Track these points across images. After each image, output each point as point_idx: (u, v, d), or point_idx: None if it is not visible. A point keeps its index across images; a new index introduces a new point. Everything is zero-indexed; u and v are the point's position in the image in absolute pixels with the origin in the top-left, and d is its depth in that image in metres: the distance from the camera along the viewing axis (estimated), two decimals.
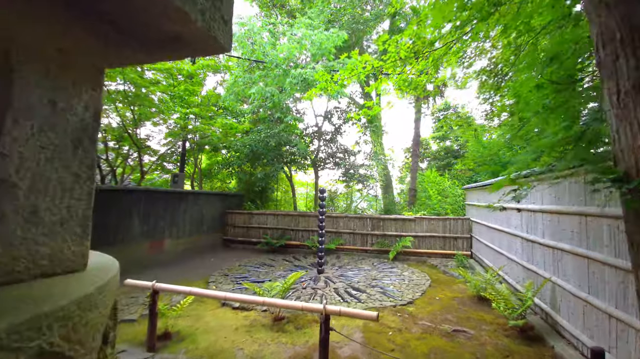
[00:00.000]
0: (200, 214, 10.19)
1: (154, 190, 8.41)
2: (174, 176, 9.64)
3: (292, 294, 5.90)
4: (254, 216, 11.19)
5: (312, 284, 6.58)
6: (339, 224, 10.31)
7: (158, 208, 8.45)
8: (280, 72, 8.03)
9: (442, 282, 6.92)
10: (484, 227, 7.72)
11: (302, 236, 10.61)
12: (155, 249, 8.36)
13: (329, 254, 9.93)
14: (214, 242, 10.82)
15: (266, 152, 10.40)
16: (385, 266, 8.41)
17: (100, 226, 6.92)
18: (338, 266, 8.37)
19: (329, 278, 7.10)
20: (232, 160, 11.87)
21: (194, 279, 6.97)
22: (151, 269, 7.69)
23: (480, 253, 8.07)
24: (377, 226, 9.91)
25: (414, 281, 6.81)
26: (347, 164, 12.42)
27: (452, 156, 15.49)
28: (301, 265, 8.46)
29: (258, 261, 8.98)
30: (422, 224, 9.49)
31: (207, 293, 4.12)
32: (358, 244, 10.06)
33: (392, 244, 9.52)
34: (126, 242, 7.55)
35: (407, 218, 9.60)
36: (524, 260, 5.02)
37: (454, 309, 5.16)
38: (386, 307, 5.21)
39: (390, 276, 7.35)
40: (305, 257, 9.59)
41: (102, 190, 6.99)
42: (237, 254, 9.89)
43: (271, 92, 7.91)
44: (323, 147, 12.90)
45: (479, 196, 8.25)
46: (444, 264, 8.51)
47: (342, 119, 13.07)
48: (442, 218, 9.37)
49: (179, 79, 8.24)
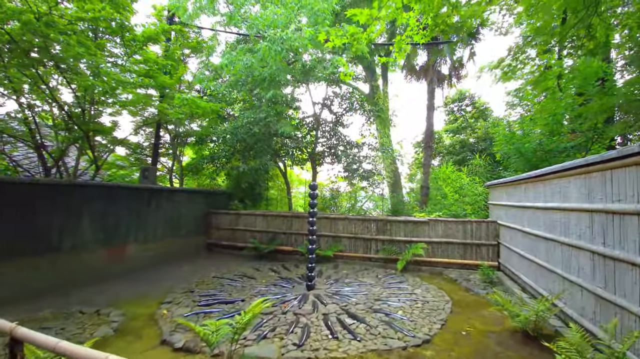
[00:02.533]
0: (177, 215, 8.77)
1: (114, 186, 7.00)
2: (143, 169, 8.21)
3: (266, 323, 4.39)
4: (241, 216, 9.73)
5: (296, 306, 5.06)
6: (337, 227, 8.77)
7: (120, 207, 7.04)
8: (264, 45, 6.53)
9: (467, 304, 5.32)
10: (517, 233, 6.08)
11: (296, 241, 9.11)
12: (114, 256, 6.96)
13: (325, 262, 8.40)
14: (194, 246, 9.39)
15: (253, 142, 8.93)
16: (392, 280, 6.84)
17: (39, 228, 5.54)
18: (334, 279, 6.84)
19: (320, 297, 5.57)
20: (218, 153, 10.43)
21: (152, 295, 5.53)
22: (107, 281, 6.30)
23: (512, 265, 6.43)
24: (383, 229, 8.33)
25: (430, 303, 5.23)
26: (349, 158, 10.84)
27: (468, 150, 13.78)
28: (289, 277, 6.95)
29: (240, 270, 7.50)
30: (437, 228, 7.89)
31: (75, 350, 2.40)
32: (360, 251, 8.51)
33: (401, 252, 7.95)
34: (76, 248, 6.16)
35: (419, 220, 8.00)
36: (598, 286, 3.41)
37: (492, 355, 3.58)
38: (392, 350, 3.65)
39: (399, 294, 5.77)
40: (296, 267, 8.08)
41: (40, 184, 5.60)
42: (219, 261, 8.44)
43: (248, 62, 6.40)
44: (322, 138, 11.37)
45: (510, 193, 6.61)
46: (465, 278, 6.90)
47: (343, 107, 11.51)
48: (461, 221, 7.75)
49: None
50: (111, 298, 5.34)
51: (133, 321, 4.42)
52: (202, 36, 9.41)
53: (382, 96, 13.35)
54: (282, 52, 5.97)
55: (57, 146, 6.63)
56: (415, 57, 11.48)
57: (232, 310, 4.86)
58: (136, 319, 4.49)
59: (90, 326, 4.15)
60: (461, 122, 16.57)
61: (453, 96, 17.10)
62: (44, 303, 4.88)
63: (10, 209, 5.18)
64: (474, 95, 16.78)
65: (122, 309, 4.78)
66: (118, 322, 4.27)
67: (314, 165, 11.08)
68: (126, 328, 4.20)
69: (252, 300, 5.31)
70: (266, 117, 8.34)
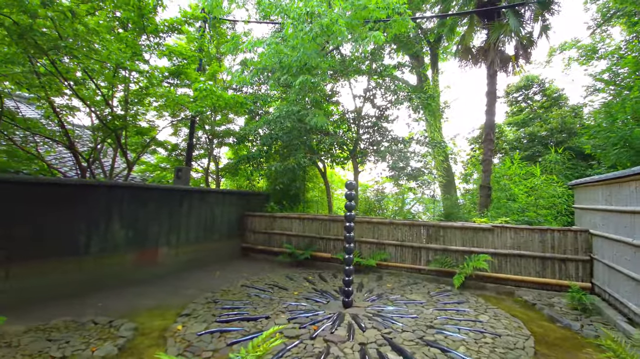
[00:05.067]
0: (211, 217, 8.43)
1: (143, 186, 6.79)
2: (177, 169, 7.99)
3: (289, 351, 3.58)
4: (277, 219, 9.13)
5: (327, 330, 4.17)
6: (381, 233, 7.71)
7: (149, 209, 6.81)
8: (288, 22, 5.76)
9: (556, 343, 3.98)
10: (625, 248, 4.53)
11: (335, 247, 8.24)
12: (145, 260, 6.73)
13: (367, 272, 7.41)
14: (228, 251, 9.00)
15: (288, 139, 8.26)
16: (448, 299, 5.63)
17: (66, 230, 5.41)
18: (376, 294, 5.83)
19: (358, 318, 4.62)
20: (254, 152, 9.98)
21: (174, 304, 5.07)
22: (133, 286, 6.03)
23: (616, 289, 4.84)
24: (436, 236, 7.10)
25: (503, 338, 3.99)
26: (395, 155, 9.68)
27: (539, 144, 11.67)
28: (324, 290, 6.09)
29: (271, 279, 6.84)
30: (504, 237, 6.46)
31: None
32: (408, 260, 7.35)
33: (458, 264, 6.66)
34: (105, 251, 5.98)
35: (480, 227, 6.64)
36: None
37: None
38: None
39: (458, 321, 4.59)
40: (334, 277, 7.20)
41: (63, 185, 5.47)
42: (252, 268, 7.90)
43: (277, 49, 5.69)
44: (364, 134, 10.36)
45: (611, 194, 5.03)
46: (546, 302, 5.43)
47: (387, 100, 10.40)
48: (537, 228, 6.24)
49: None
50: (131, 307, 4.97)
51: (142, 337, 3.91)
52: (236, 31, 9.07)
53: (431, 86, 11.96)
54: (311, 32, 5.16)
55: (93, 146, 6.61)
56: (472, 38, 9.93)
57: (253, 330, 4.15)
58: (146, 335, 3.98)
59: (96, 340, 3.71)
60: (527, 113, 14.32)
61: (517, 84, 14.88)
62: (61, 309, 4.63)
63: (35, 209, 5.07)
64: (543, 81, 14.42)
65: (137, 321, 4.33)
66: (126, 338, 3.78)
67: (356, 164, 10.12)
68: (132, 346, 3.69)
69: (278, 318, 4.56)
70: (299, 110, 7.61)
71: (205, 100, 6.00)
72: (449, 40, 12.18)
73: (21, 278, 4.81)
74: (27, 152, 6.03)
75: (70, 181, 5.69)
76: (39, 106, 6.44)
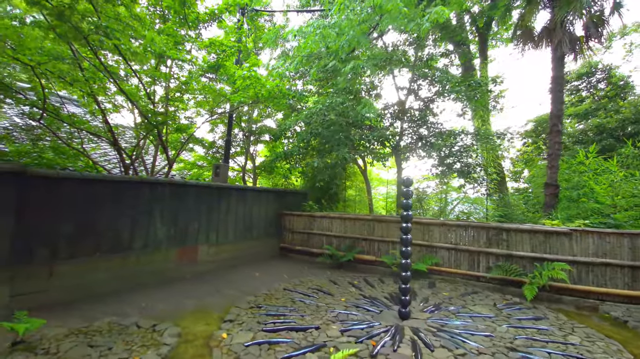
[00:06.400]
0: (249, 215, 8.17)
1: (183, 183, 6.61)
2: (215, 166, 7.80)
3: None
4: (316, 219, 8.70)
5: (388, 347, 3.63)
6: (432, 235, 7.02)
7: (189, 206, 6.64)
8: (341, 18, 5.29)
9: None
10: None
11: (379, 249, 7.66)
12: (185, 257, 6.56)
13: (418, 278, 6.75)
14: (266, 250, 8.71)
15: (329, 134, 7.77)
16: (520, 314, 4.86)
17: (108, 228, 5.31)
18: (433, 305, 5.18)
19: (420, 333, 4.03)
20: (292, 149, 9.62)
21: (216, 307, 4.78)
22: (175, 285, 5.85)
23: None
24: (498, 240, 6.30)
25: None
26: (442, 150, 8.89)
27: (610, 137, 10.27)
28: (374, 297, 5.54)
29: (314, 282, 6.40)
30: (585, 243, 5.55)
31: None
32: (463, 266, 6.61)
33: (526, 272, 5.83)
34: (147, 248, 5.86)
35: (555, 230, 5.76)
36: None
37: None
38: None
39: (545, 343, 3.85)
40: (381, 282, 6.62)
41: (109, 181, 5.37)
42: (292, 269, 7.52)
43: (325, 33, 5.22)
44: (408, 129, 9.65)
45: None
46: (638, 318, 4.52)
47: (433, 92, 9.61)
48: (627, 233, 5.29)
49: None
50: (174, 307, 4.73)
51: (185, 345, 3.60)
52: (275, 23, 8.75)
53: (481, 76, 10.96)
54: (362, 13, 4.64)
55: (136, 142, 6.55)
56: (531, 18, 8.89)
57: (304, 342, 3.70)
58: (190, 343, 3.66)
59: (139, 348, 3.44)
60: (590, 103, 12.79)
61: (578, 70, 13.35)
62: (104, 309, 4.47)
63: (81, 206, 4.98)
64: (609, 67, 12.81)
65: (180, 326, 4.05)
66: (169, 346, 3.49)
67: (399, 160, 9.44)
68: (176, 355, 3.38)
69: (329, 329, 4.09)
70: (343, 102, 7.11)
71: (248, 90, 5.70)
72: (502, 24, 11.12)
73: (65, 276, 4.72)
74: (73, 148, 6.05)
75: (116, 178, 5.59)
76: (83, 102, 6.48)
